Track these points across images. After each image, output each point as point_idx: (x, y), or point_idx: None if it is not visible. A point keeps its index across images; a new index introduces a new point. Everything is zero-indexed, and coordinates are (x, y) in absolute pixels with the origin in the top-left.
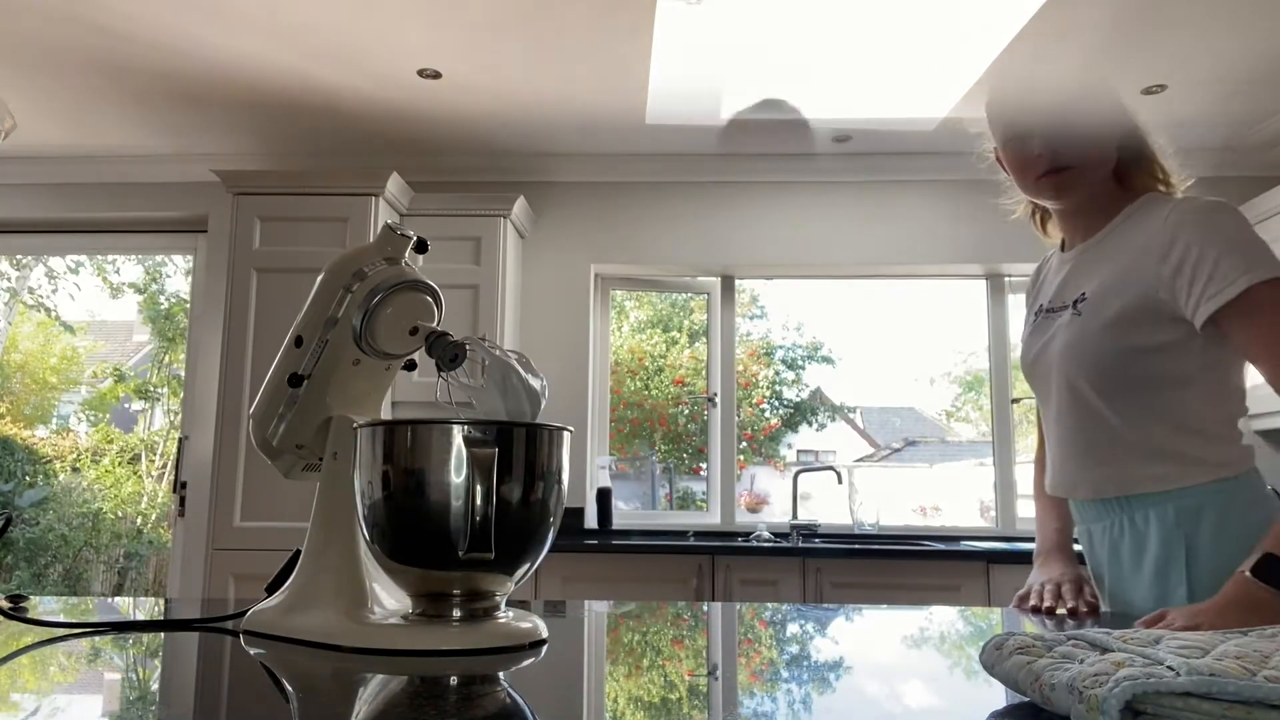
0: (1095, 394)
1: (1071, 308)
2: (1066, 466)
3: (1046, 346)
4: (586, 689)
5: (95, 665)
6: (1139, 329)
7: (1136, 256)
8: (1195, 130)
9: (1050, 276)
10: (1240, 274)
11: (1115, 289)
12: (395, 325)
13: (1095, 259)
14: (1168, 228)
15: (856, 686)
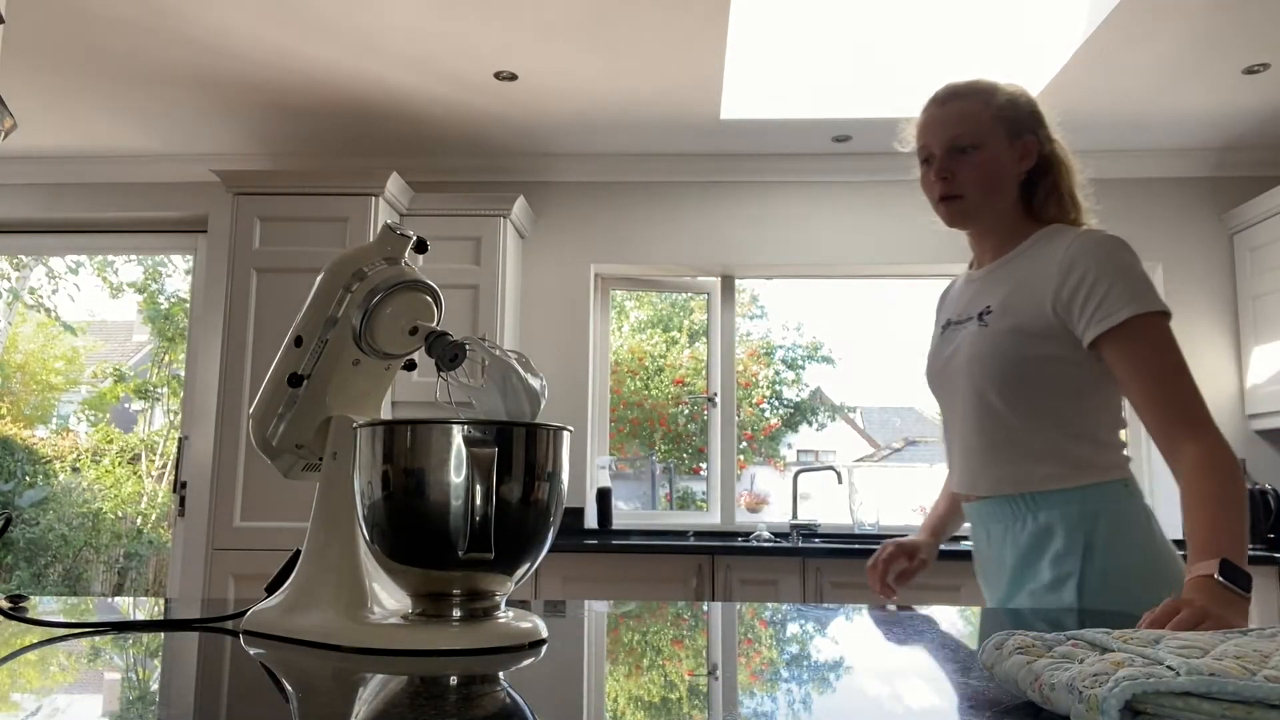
0: (998, 398)
1: (977, 320)
2: (970, 465)
3: (954, 355)
4: (586, 689)
5: (95, 665)
6: (1038, 341)
7: (1038, 277)
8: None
9: (958, 293)
10: (1125, 304)
11: (1018, 304)
12: (395, 325)
13: (1000, 279)
14: (1068, 254)
15: (856, 686)
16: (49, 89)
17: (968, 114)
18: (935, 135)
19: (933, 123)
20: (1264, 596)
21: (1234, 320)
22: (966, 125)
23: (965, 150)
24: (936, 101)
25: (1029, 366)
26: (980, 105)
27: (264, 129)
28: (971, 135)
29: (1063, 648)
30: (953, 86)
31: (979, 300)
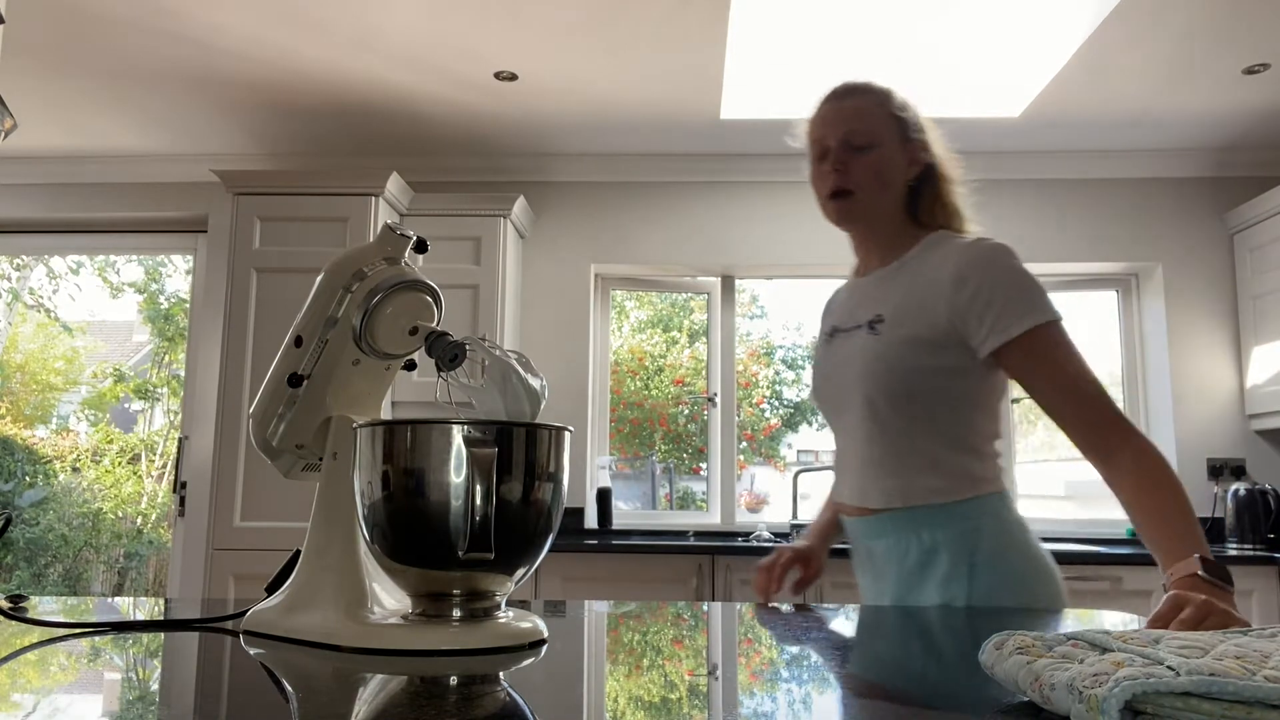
0: (892, 410)
1: (867, 328)
2: (864, 475)
3: (844, 363)
4: (586, 689)
5: (95, 665)
6: (931, 351)
7: (931, 285)
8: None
9: (843, 300)
10: (1025, 314)
11: (911, 313)
12: (395, 325)
13: (888, 286)
14: (960, 265)
15: (857, 686)
16: (49, 89)
17: (864, 111)
18: (831, 129)
19: (830, 117)
20: (1264, 596)
21: (1234, 320)
22: (863, 122)
23: (861, 148)
24: (834, 96)
25: (922, 377)
26: (876, 105)
27: (264, 129)
28: (867, 133)
29: (1063, 647)
30: (850, 84)
31: (867, 308)
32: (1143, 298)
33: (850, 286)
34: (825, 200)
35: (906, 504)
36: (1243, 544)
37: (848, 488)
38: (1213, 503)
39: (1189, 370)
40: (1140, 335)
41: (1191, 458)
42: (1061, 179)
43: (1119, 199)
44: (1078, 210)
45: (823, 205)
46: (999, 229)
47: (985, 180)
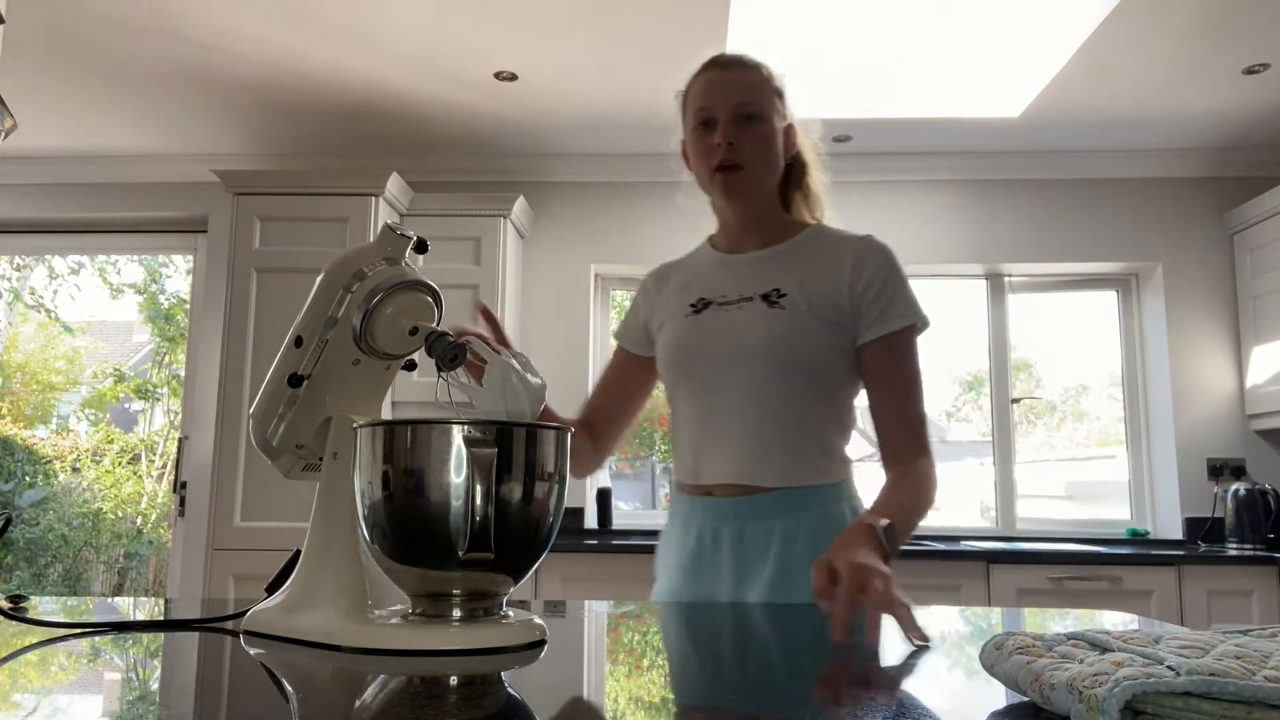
0: (793, 383)
1: (763, 301)
2: (756, 452)
3: (731, 336)
4: (586, 689)
5: (95, 665)
6: (833, 329)
7: (829, 270)
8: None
9: (704, 272)
10: (904, 312)
11: (816, 292)
12: (395, 325)
13: (781, 265)
14: (858, 254)
15: (857, 686)
16: (49, 89)
17: (754, 84)
18: (721, 98)
19: (719, 85)
20: (1264, 596)
21: (1234, 320)
22: (751, 93)
23: (750, 119)
24: (720, 65)
25: (825, 353)
26: (762, 79)
27: (264, 129)
28: (757, 105)
29: (1063, 647)
30: (735, 54)
31: (756, 283)
32: (1143, 298)
33: (716, 260)
34: (711, 173)
35: (800, 483)
36: (1243, 544)
37: (726, 465)
38: (1213, 503)
39: (1189, 370)
40: (1140, 335)
41: (1191, 458)
42: (1061, 179)
43: (1119, 199)
44: (1078, 210)
45: (706, 178)
46: (998, 228)
47: (985, 180)
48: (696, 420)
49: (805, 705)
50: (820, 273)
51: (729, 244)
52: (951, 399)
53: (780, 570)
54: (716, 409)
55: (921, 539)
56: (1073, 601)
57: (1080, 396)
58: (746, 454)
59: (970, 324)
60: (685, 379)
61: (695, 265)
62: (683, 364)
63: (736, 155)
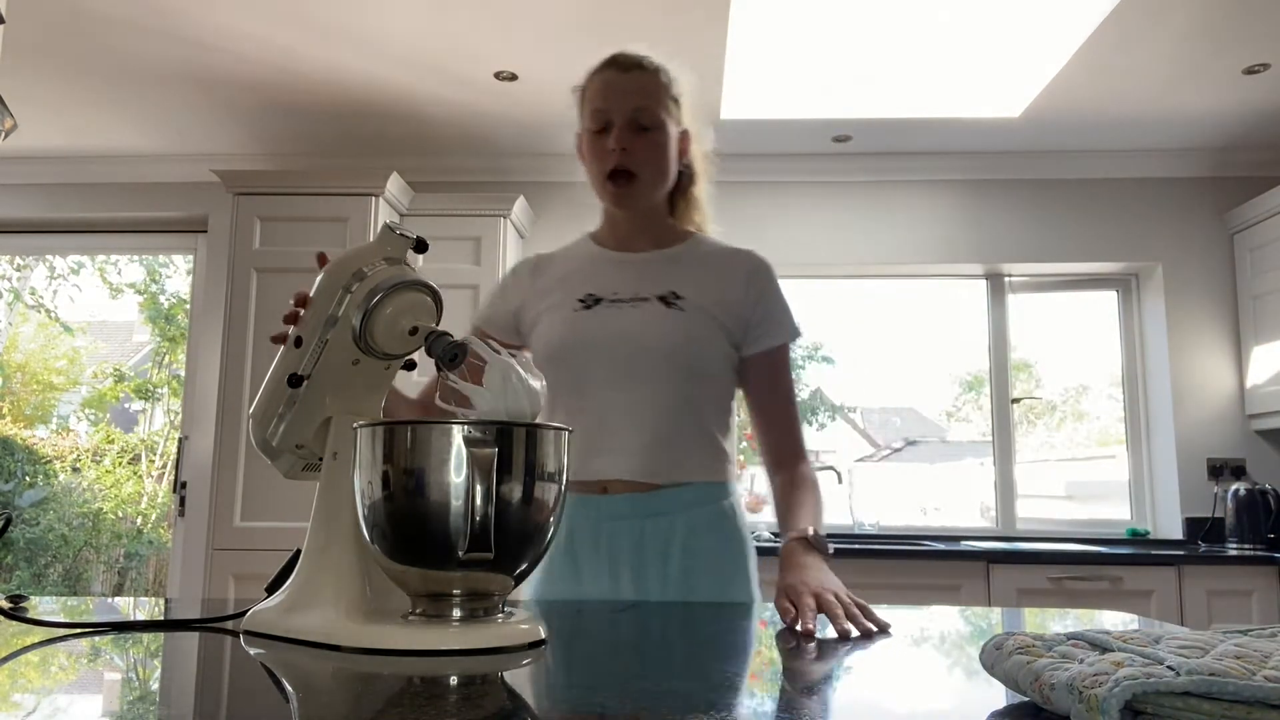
0: (690, 384)
1: (659, 301)
2: (654, 449)
3: (627, 333)
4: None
5: (95, 665)
6: (726, 336)
7: (726, 277)
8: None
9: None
10: (787, 328)
11: (712, 297)
12: (395, 325)
13: (674, 269)
14: (751, 267)
15: (857, 686)
16: (49, 89)
17: (651, 89)
18: (618, 102)
19: (616, 88)
20: (1264, 596)
21: (1234, 320)
22: (648, 98)
23: (646, 128)
24: (619, 66)
25: (718, 359)
26: (660, 85)
27: (264, 129)
28: (653, 114)
29: (1063, 647)
30: (635, 55)
31: (650, 283)
32: (1143, 298)
33: (603, 257)
34: (604, 177)
35: (696, 479)
36: (1243, 544)
37: (623, 462)
38: (1213, 503)
39: (1189, 370)
40: (1140, 335)
41: (1191, 458)
42: (1061, 179)
43: (1119, 199)
44: (1078, 210)
45: (599, 181)
46: (998, 228)
47: (985, 180)
48: (586, 415)
49: (806, 704)
50: (715, 281)
51: (616, 242)
52: (951, 399)
53: (685, 565)
54: (611, 405)
55: (921, 539)
56: (1073, 601)
57: (1080, 396)
58: (645, 451)
59: (970, 324)
60: (573, 373)
61: (577, 259)
62: (573, 358)
63: (630, 162)
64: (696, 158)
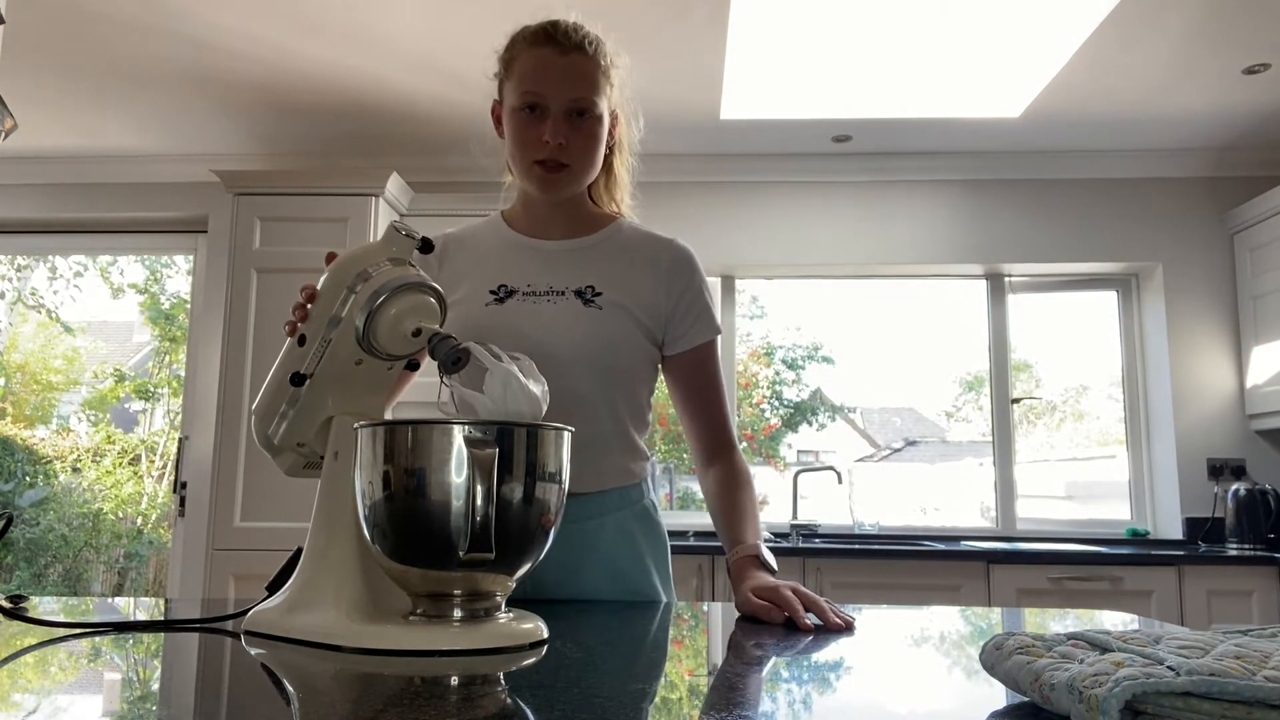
0: (607, 385)
1: (576, 296)
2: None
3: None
4: (587, 689)
5: (95, 665)
6: (645, 333)
7: (645, 271)
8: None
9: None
10: (710, 324)
11: (629, 293)
12: (398, 327)
13: (588, 259)
14: (675, 259)
15: (857, 686)
16: (49, 89)
17: (587, 73)
18: (554, 89)
19: (554, 71)
20: (1264, 596)
21: (1234, 320)
22: (586, 87)
23: (582, 115)
24: (558, 45)
25: (636, 358)
26: (596, 66)
27: (264, 129)
28: (589, 101)
29: (1063, 648)
30: (574, 35)
31: (566, 276)
32: (1143, 298)
33: (516, 243)
34: (531, 163)
35: (615, 485)
36: (1243, 544)
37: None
38: (1213, 503)
39: (1189, 370)
40: (1140, 335)
41: (1191, 458)
42: (1061, 179)
43: (1119, 199)
44: (1078, 210)
45: (523, 165)
46: (998, 228)
47: (985, 180)
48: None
49: (807, 704)
50: (635, 276)
51: (531, 226)
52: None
53: (612, 568)
54: None
55: (921, 539)
56: (1073, 601)
57: (1080, 396)
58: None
59: (970, 324)
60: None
61: (488, 244)
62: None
63: (564, 155)
64: (622, 132)
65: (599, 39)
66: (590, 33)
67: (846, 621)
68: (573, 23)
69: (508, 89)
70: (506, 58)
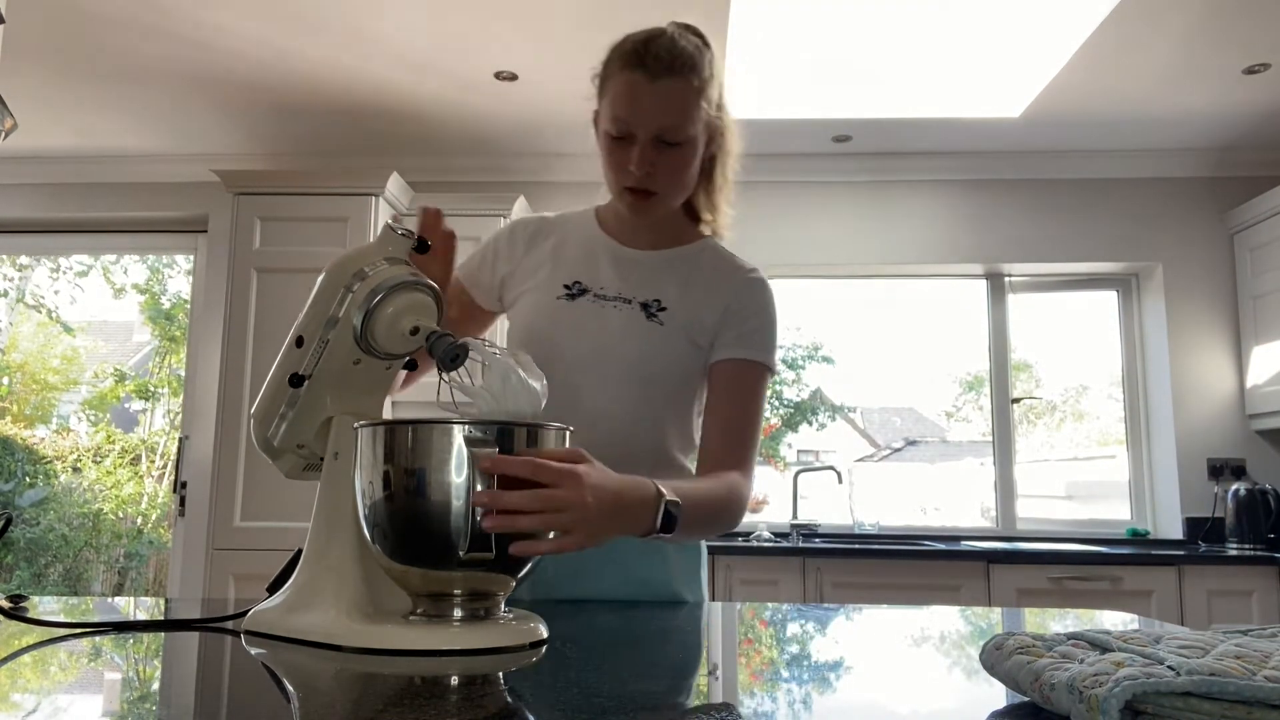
0: (663, 404)
1: (642, 309)
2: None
3: (606, 335)
4: (587, 689)
5: (96, 665)
6: (696, 355)
7: (708, 295)
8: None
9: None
10: (764, 350)
11: (689, 311)
12: (396, 325)
13: (663, 274)
14: (739, 289)
15: (856, 686)
16: (49, 89)
17: (677, 100)
18: (643, 118)
19: (642, 101)
20: (1264, 596)
21: (1234, 320)
22: (676, 116)
23: (670, 144)
24: (648, 70)
25: (688, 379)
26: (690, 89)
27: (264, 129)
28: (679, 130)
29: (1063, 647)
30: (665, 55)
31: (638, 287)
32: (1143, 298)
33: (601, 244)
34: (620, 189)
35: None
36: (1243, 544)
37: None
38: (1213, 503)
39: (1189, 370)
40: (1140, 335)
41: (1191, 458)
42: (1061, 179)
43: (1119, 199)
44: (1078, 210)
45: (615, 188)
46: (998, 228)
47: (985, 180)
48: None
49: (807, 704)
50: (702, 297)
51: (618, 230)
52: (951, 399)
53: (638, 565)
54: (566, 403)
55: (921, 539)
56: (1073, 601)
57: (1080, 396)
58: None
59: (970, 324)
60: (543, 365)
61: (575, 237)
62: (539, 347)
63: (651, 183)
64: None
65: (694, 54)
66: (684, 49)
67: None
68: (667, 41)
69: (602, 107)
70: (602, 75)
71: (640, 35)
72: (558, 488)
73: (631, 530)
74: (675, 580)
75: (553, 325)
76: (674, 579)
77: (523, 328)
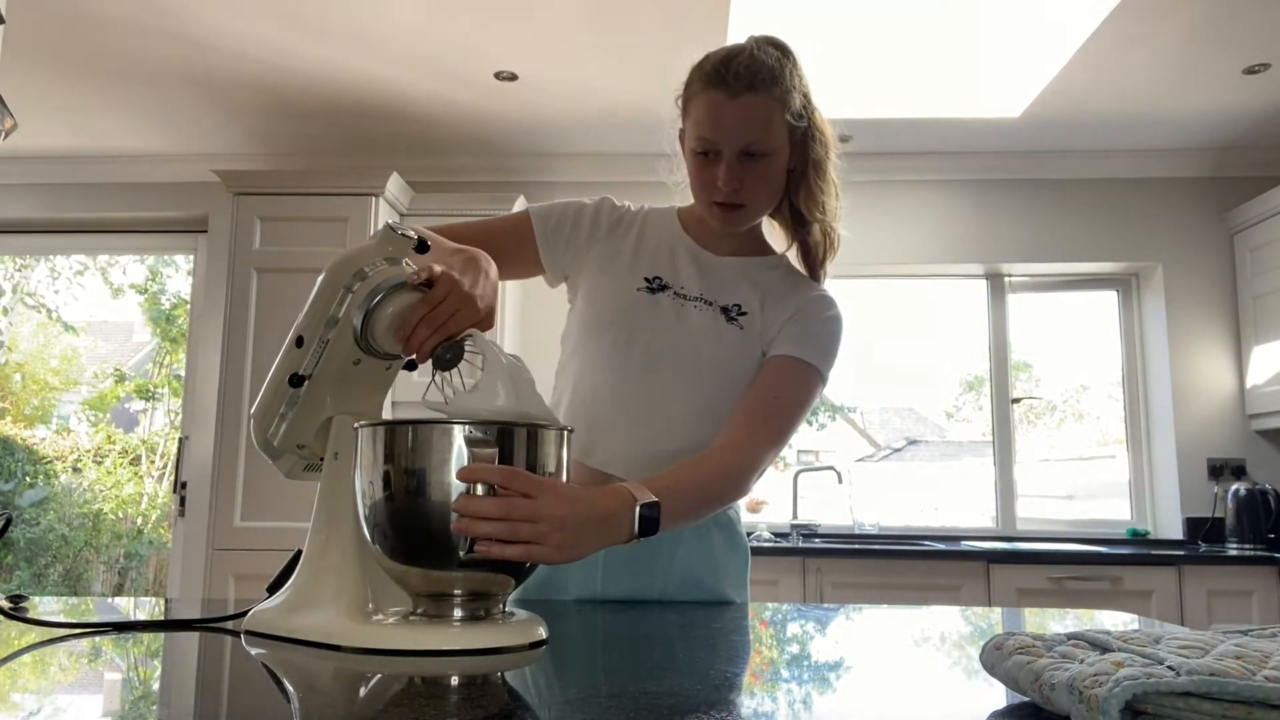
0: (729, 401)
1: (723, 313)
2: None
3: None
4: (586, 689)
5: (96, 665)
6: (757, 363)
7: (782, 310)
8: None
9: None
10: (821, 355)
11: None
12: (396, 325)
13: (745, 282)
14: (807, 300)
15: (856, 686)
16: (49, 89)
17: (760, 114)
18: (726, 134)
19: (725, 118)
20: (1264, 596)
21: (1234, 320)
22: (759, 130)
23: (755, 156)
24: (728, 90)
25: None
26: (773, 102)
27: (264, 129)
28: (764, 142)
29: (1063, 647)
30: (743, 73)
31: (721, 290)
32: (1143, 298)
33: (683, 244)
34: (709, 203)
35: None
36: (1243, 544)
37: (632, 454)
38: (1213, 503)
39: (1189, 370)
40: (1140, 335)
41: (1191, 458)
42: (1061, 179)
43: (1119, 199)
44: (1078, 210)
45: (703, 203)
46: (998, 228)
47: (985, 180)
48: (607, 394)
49: (807, 704)
50: (778, 305)
51: (699, 234)
52: (952, 399)
53: (687, 568)
54: (637, 395)
55: (921, 539)
56: (1073, 601)
57: (1080, 396)
58: (660, 450)
59: (970, 324)
60: (612, 349)
61: (657, 234)
62: (616, 334)
63: (738, 197)
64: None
65: (774, 67)
66: (763, 63)
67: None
68: (745, 57)
69: (687, 125)
70: (685, 95)
71: (720, 54)
72: (531, 498)
73: (611, 540)
74: (724, 580)
75: (632, 314)
76: (723, 580)
77: (597, 307)
